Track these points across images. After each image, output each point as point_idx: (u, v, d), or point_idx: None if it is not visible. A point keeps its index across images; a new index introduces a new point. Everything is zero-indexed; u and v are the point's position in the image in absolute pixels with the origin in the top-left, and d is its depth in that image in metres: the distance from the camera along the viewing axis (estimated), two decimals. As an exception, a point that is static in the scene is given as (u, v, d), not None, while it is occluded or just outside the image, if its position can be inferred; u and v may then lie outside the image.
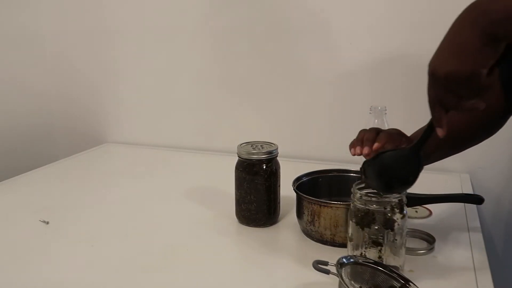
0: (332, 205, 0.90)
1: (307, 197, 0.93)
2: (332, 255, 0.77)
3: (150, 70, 1.61)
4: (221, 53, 1.51)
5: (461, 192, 1.15)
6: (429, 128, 0.72)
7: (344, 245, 0.84)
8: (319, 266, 0.71)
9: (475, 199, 0.95)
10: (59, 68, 1.71)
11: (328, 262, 0.72)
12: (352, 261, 0.72)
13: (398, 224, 0.75)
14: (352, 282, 0.69)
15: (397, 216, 0.75)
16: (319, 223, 0.91)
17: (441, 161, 1.33)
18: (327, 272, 0.70)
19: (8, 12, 1.57)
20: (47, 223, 1.03)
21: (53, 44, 1.69)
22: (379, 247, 0.76)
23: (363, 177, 0.80)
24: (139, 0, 1.57)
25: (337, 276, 0.67)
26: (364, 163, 0.80)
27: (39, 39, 1.68)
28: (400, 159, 0.76)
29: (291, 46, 1.43)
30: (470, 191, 1.20)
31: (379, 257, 0.76)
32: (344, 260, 0.71)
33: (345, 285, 0.65)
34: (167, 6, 1.53)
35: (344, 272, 0.69)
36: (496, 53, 0.60)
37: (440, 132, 0.69)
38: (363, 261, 0.73)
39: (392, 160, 0.76)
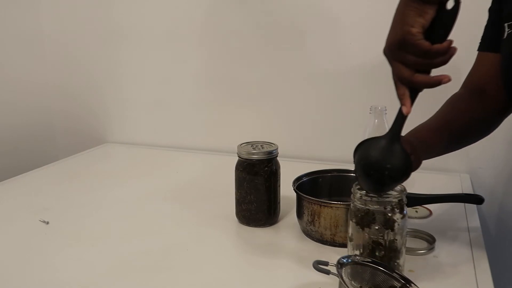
0: (332, 205, 0.90)
1: (307, 197, 0.93)
2: (332, 255, 0.77)
3: (150, 70, 1.61)
4: (222, 54, 1.51)
5: (461, 192, 1.15)
6: (400, 111, 0.72)
7: (344, 245, 0.84)
8: (319, 266, 0.71)
9: (475, 199, 0.95)
10: (59, 68, 1.71)
11: (328, 262, 0.72)
12: (352, 261, 0.72)
13: (398, 224, 0.75)
14: (352, 282, 0.69)
15: (397, 216, 0.75)
16: (319, 223, 0.91)
17: (441, 161, 1.34)
18: (327, 272, 0.70)
19: (9, 10, 1.57)
20: (47, 223, 1.03)
21: (54, 44, 1.69)
22: (379, 247, 0.76)
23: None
24: (142, 0, 1.57)
25: (337, 276, 0.67)
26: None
27: (40, 39, 1.68)
28: (377, 147, 0.74)
29: (291, 46, 1.43)
30: (470, 191, 1.20)
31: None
32: (344, 260, 0.71)
33: (345, 285, 0.65)
34: (170, 7, 1.53)
35: (344, 272, 0.69)
36: (422, 11, 0.66)
37: (404, 109, 0.71)
38: (363, 261, 0.73)
39: (369, 149, 0.75)
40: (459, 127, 0.89)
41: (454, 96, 0.93)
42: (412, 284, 0.70)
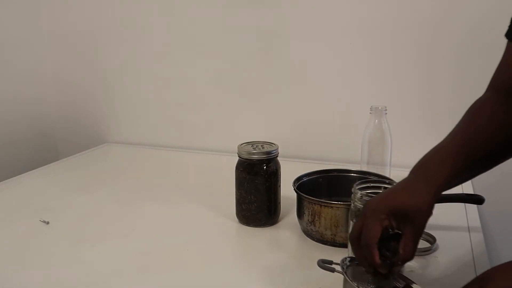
0: (332, 205, 0.90)
1: (308, 197, 0.93)
2: (332, 255, 0.77)
3: (151, 70, 1.61)
4: (221, 53, 1.51)
5: (461, 192, 1.15)
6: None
7: (344, 245, 0.84)
8: (325, 264, 0.71)
9: (475, 199, 0.95)
10: (60, 69, 1.71)
11: (332, 261, 0.71)
12: (356, 261, 0.72)
13: (399, 224, 0.75)
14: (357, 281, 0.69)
15: (398, 216, 0.75)
16: (319, 223, 0.91)
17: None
18: (332, 270, 0.70)
19: (9, 10, 1.57)
20: (47, 223, 1.02)
21: (54, 44, 1.69)
22: (379, 247, 0.75)
23: None
24: (131, 2, 1.56)
25: (343, 274, 0.67)
26: None
27: (40, 39, 1.68)
28: None
29: (291, 46, 1.43)
30: (470, 191, 1.20)
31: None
32: (348, 259, 0.71)
33: (350, 282, 0.65)
34: (170, 7, 1.53)
35: (348, 271, 0.69)
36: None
37: (382, 270, 0.64)
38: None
39: None
40: (485, 144, 0.70)
41: (477, 103, 0.75)
42: (415, 285, 0.70)
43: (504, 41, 0.75)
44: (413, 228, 0.63)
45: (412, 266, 0.82)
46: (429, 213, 0.64)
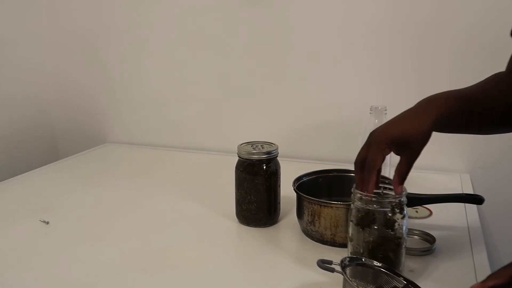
0: (332, 205, 0.90)
1: (308, 197, 0.93)
2: (332, 255, 0.77)
3: (151, 70, 1.61)
4: (221, 53, 1.51)
5: (461, 192, 1.15)
6: None
7: (344, 245, 0.84)
8: (324, 264, 0.71)
9: (475, 199, 0.95)
10: (60, 69, 1.71)
11: (332, 261, 0.72)
12: (355, 262, 0.72)
13: (399, 224, 0.75)
14: (357, 281, 0.70)
15: (398, 216, 0.75)
16: (319, 223, 0.91)
17: (441, 161, 1.34)
18: (331, 270, 0.70)
19: (9, 9, 1.57)
20: (47, 223, 1.03)
21: (54, 44, 1.69)
22: (379, 248, 0.76)
23: None
24: (131, 2, 1.56)
25: (342, 275, 0.67)
26: None
27: (40, 39, 1.68)
28: None
29: (291, 46, 1.43)
30: (470, 191, 1.20)
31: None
32: (347, 259, 0.71)
33: (350, 283, 0.65)
34: (171, 8, 1.53)
35: (347, 272, 0.69)
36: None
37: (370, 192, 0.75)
38: (365, 262, 0.73)
39: None
40: (482, 101, 0.80)
41: (497, 74, 0.86)
42: (415, 286, 0.70)
43: (504, 39, 0.77)
44: (410, 153, 0.73)
45: (412, 266, 0.82)
46: (425, 140, 0.73)
